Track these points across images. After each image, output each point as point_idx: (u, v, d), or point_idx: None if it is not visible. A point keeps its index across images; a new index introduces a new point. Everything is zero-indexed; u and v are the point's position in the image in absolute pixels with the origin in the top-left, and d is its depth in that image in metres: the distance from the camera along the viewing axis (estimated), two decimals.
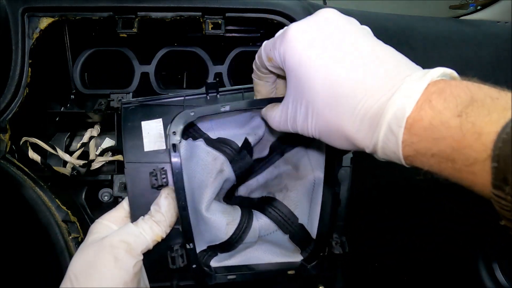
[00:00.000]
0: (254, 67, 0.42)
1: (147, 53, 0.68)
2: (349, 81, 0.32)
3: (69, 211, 0.55)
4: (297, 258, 0.51)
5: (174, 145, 0.43)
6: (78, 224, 0.56)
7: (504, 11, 1.15)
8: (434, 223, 1.60)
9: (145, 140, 0.46)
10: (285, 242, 0.51)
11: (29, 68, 0.59)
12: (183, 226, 0.44)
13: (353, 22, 0.37)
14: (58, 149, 0.61)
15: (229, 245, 0.48)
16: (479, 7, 1.22)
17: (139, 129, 0.46)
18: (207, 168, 0.47)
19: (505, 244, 1.47)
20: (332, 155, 0.49)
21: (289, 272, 0.49)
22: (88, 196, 0.65)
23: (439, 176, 0.31)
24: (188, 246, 0.45)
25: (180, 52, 0.69)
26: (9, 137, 0.57)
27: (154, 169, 0.45)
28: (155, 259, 0.45)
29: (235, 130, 0.50)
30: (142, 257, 0.42)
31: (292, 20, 0.64)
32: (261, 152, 0.53)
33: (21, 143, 0.60)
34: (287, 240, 0.50)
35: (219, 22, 0.63)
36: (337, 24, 0.35)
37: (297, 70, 0.34)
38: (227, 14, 0.63)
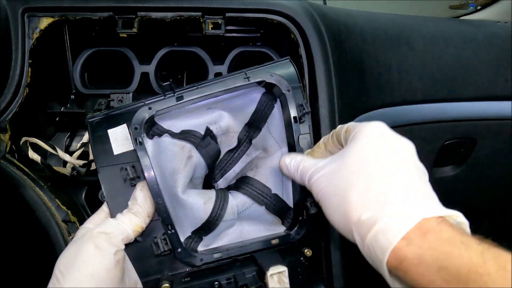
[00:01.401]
0: (330, 134, 0.47)
1: (147, 53, 0.68)
2: (384, 180, 0.35)
3: (69, 211, 0.55)
4: (280, 229, 0.54)
5: (136, 139, 0.47)
6: (78, 224, 0.56)
7: (504, 11, 1.15)
8: None
9: (113, 145, 0.49)
10: (263, 215, 0.53)
11: (29, 68, 0.59)
12: (159, 213, 0.46)
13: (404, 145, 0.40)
14: (58, 149, 0.61)
15: (211, 224, 0.50)
16: (479, 7, 1.22)
17: (106, 137, 0.49)
18: (177, 157, 0.50)
19: (505, 245, 1.47)
20: (291, 126, 0.52)
21: (273, 242, 0.51)
22: (88, 196, 0.65)
23: None
24: (169, 231, 0.47)
25: (180, 52, 0.69)
26: (9, 137, 0.57)
27: (122, 166, 0.48)
28: (143, 255, 0.48)
29: (194, 121, 0.53)
30: (123, 247, 0.43)
31: (292, 20, 0.64)
32: (230, 144, 0.57)
33: (21, 143, 0.60)
34: (265, 212, 0.53)
35: (219, 22, 0.63)
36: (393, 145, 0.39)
37: (348, 149, 0.39)
38: (227, 14, 0.63)
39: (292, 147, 0.52)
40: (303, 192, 0.51)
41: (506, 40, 0.98)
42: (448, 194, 1.12)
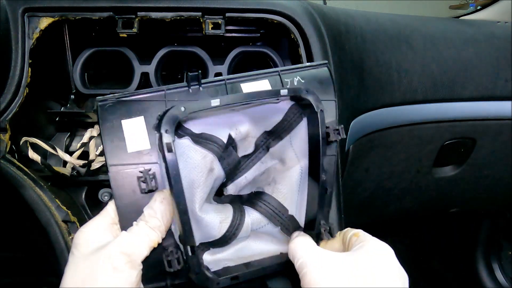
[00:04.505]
0: (338, 233, 0.50)
1: (147, 53, 0.68)
2: None
3: (69, 211, 0.55)
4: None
5: (169, 145, 0.40)
6: (78, 224, 0.55)
7: (504, 11, 1.16)
8: (434, 224, 1.60)
9: (127, 141, 0.43)
10: (276, 234, 0.51)
11: (29, 68, 0.59)
12: (184, 231, 0.43)
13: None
14: (58, 149, 0.61)
15: (223, 241, 0.48)
16: (479, 7, 1.22)
17: (119, 128, 0.43)
18: (198, 168, 0.46)
19: (505, 245, 1.47)
20: (316, 144, 0.49)
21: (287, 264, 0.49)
22: (88, 196, 0.65)
23: None
24: (189, 254, 0.43)
25: (180, 52, 0.69)
26: (9, 137, 0.57)
27: (141, 172, 0.43)
28: (148, 261, 0.43)
29: (215, 121, 0.49)
30: (141, 267, 0.41)
31: (292, 20, 0.64)
32: (246, 149, 0.54)
33: (21, 143, 0.60)
34: (278, 232, 0.51)
35: (219, 22, 0.63)
36: None
37: (355, 259, 0.42)
38: (227, 14, 0.63)
39: (312, 165, 0.50)
40: (317, 215, 0.50)
41: (506, 40, 0.98)
42: (448, 194, 1.12)
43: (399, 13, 1.01)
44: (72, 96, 0.68)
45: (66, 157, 0.62)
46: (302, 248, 0.45)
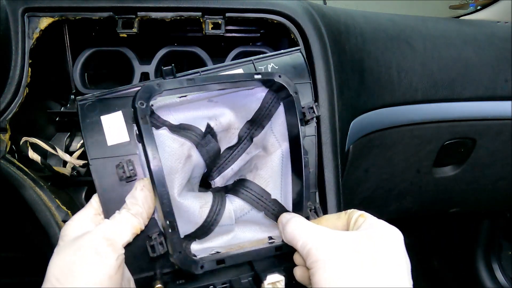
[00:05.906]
0: (344, 212, 0.48)
1: (147, 53, 0.68)
2: None
3: (69, 211, 0.55)
4: (277, 232, 0.52)
5: (145, 116, 0.41)
6: None
7: (504, 11, 1.16)
8: (434, 224, 1.60)
9: (107, 134, 0.45)
10: (261, 219, 0.52)
11: (29, 68, 0.59)
12: (163, 209, 0.43)
13: None
14: (58, 149, 0.61)
15: (205, 229, 0.48)
16: (479, 7, 1.22)
17: (99, 124, 0.45)
18: (175, 155, 0.47)
19: (505, 245, 1.47)
20: (294, 126, 0.50)
21: (276, 249, 0.49)
22: (88, 196, 0.65)
23: None
24: (169, 230, 0.43)
25: (180, 52, 0.69)
26: (9, 137, 0.57)
27: (120, 162, 0.45)
28: (135, 251, 0.45)
29: (193, 114, 0.50)
30: (123, 251, 0.42)
31: (292, 20, 0.64)
32: (230, 141, 0.55)
33: (21, 143, 0.60)
34: (263, 217, 0.51)
35: (219, 22, 0.63)
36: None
37: (363, 240, 0.41)
38: (227, 14, 0.63)
39: (293, 147, 0.51)
40: (302, 197, 0.50)
41: (506, 40, 0.98)
42: (448, 194, 1.12)
43: (399, 13, 1.01)
44: (72, 96, 0.68)
45: (66, 157, 0.62)
46: (301, 228, 0.44)
